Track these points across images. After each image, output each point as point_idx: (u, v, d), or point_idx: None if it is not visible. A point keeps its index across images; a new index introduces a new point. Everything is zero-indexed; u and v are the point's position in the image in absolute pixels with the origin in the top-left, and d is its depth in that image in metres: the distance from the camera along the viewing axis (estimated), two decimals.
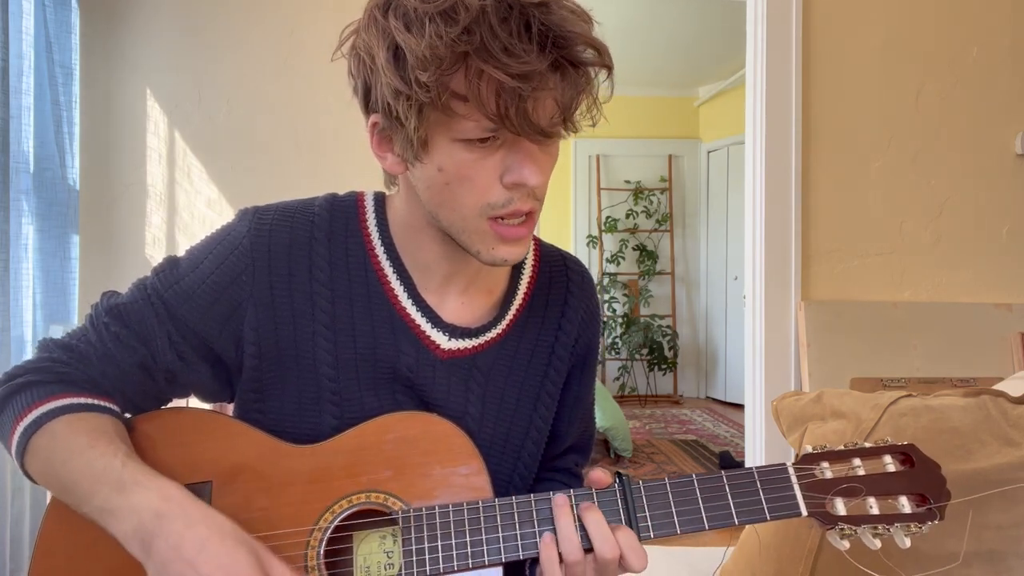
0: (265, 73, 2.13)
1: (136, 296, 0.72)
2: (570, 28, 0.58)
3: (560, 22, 0.58)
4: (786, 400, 1.22)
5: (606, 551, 0.62)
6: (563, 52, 0.58)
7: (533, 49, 0.57)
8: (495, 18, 0.56)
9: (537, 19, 0.57)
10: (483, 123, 0.59)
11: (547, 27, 0.57)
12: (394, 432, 0.69)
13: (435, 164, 0.63)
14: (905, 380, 2.03)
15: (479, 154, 0.62)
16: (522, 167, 0.62)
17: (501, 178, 0.63)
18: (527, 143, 0.62)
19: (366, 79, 0.64)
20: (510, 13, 0.57)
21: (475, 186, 0.63)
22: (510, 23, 0.57)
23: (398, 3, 0.60)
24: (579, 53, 0.59)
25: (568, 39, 0.58)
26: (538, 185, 0.64)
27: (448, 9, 0.57)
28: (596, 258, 5.34)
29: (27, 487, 1.68)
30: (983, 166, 2.20)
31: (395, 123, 0.62)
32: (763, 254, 2.14)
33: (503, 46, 0.56)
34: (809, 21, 2.15)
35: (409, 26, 0.58)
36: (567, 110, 0.61)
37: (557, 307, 0.81)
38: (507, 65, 0.56)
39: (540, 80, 0.57)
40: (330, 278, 0.73)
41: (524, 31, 0.57)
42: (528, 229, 0.67)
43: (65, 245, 1.89)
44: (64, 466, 0.63)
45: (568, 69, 0.59)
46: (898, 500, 0.66)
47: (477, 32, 0.56)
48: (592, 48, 0.60)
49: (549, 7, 0.58)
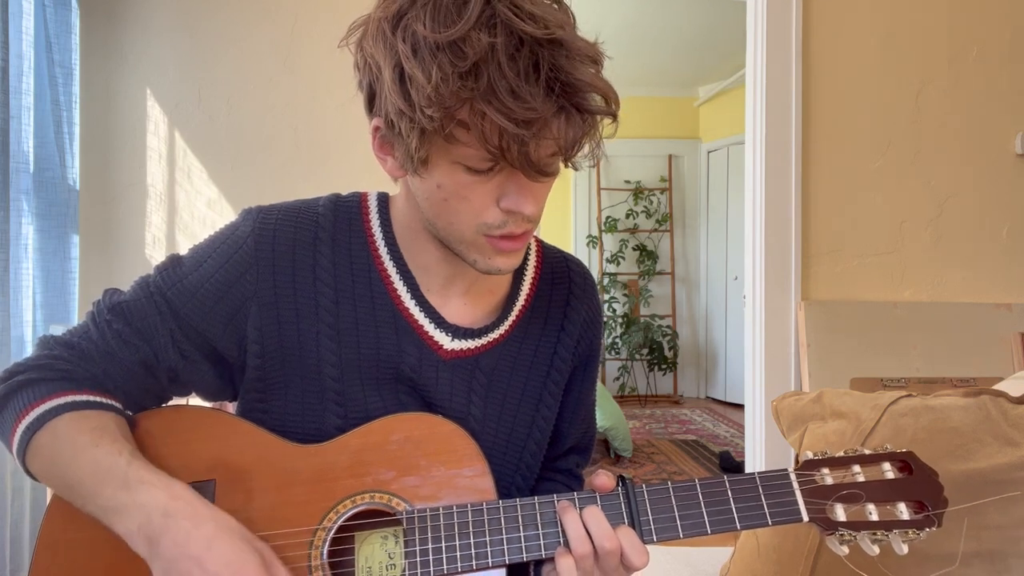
0: (265, 73, 2.13)
1: (139, 294, 0.72)
2: (579, 76, 0.56)
3: (569, 67, 0.56)
4: (786, 400, 1.22)
5: (605, 542, 0.63)
6: (570, 98, 0.57)
7: (539, 93, 0.55)
8: (503, 56, 0.55)
9: (546, 60, 0.56)
10: (483, 154, 0.59)
11: (555, 71, 0.56)
12: (398, 433, 0.69)
13: (434, 181, 0.63)
14: (905, 380, 2.04)
15: (478, 178, 0.62)
16: (519, 196, 0.63)
17: (498, 202, 0.63)
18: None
19: (371, 84, 0.64)
20: (519, 51, 0.55)
21: (472, 206, 0.63)
22: (518, 62, 0.55)
23: (407, 24, 0.58)
24: (586, 100, 0.58)
25: (575, 86, 0.57)
26: (533, 214, 0.64)
27: (458, 41, 0.55)
28: (596, 258, 5.34)
29: (27, 487, 1.68)
30: (983, 166, 2.20)
31: (397, 136, 0.62)
32: (763, 254, 2.14)
33: (510, 87, 0.55)
34: (809, 21, 2.15)
35: (416, 53, 0.57)
36: (568, 152, 0.60)
37: (559, 308, 0.82)
38: (511, 110, 0.55)
39: (543, 125, 0.57)
40: (334, 278, 0.73)
41: (532, 71, 0.55)
42: (524, 242, 0.67)
43: (65, 245, 1.89)
44: (68, 464, 0.63)
45: (573, 114, 0.58)
46: (896, 507, 0.66)
47: (484, 71, 0.55)
48: (600, 94, 0.59)
49: (561, 46, 0.56)
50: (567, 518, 0.65)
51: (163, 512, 0.59)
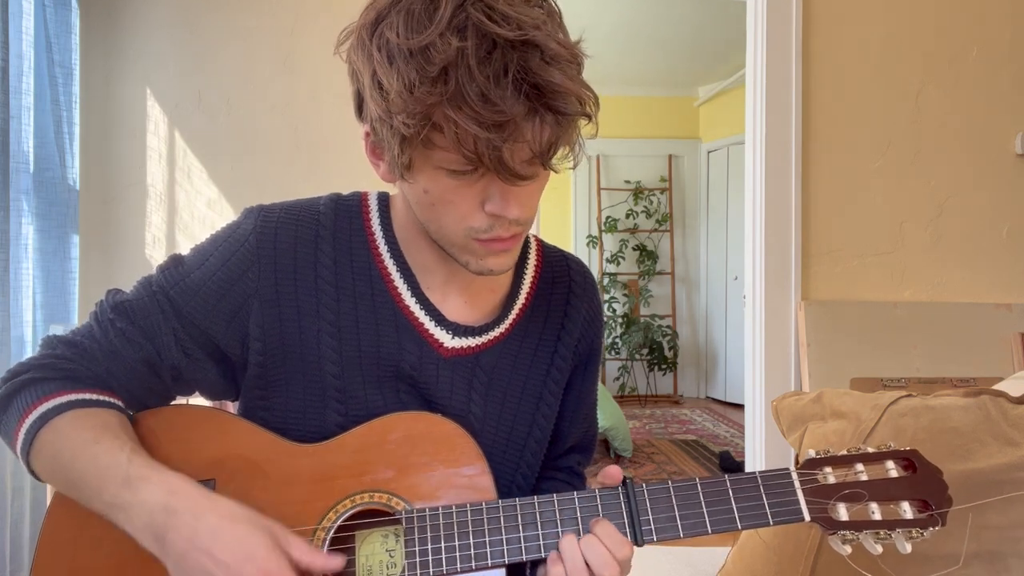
0: (265, 73, 2.13)
1: (142, 293, 0.72)
2: (548, 77, 0.55)
3: (538, 69, 0.55)
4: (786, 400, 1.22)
5: (605, 572, 0.63)
6: (541, 101, 0.56)
7: (508, 96, 0.54)
8: (473, 59, 0.54)
9: (516, 63, 0.54)
10: (461, 158, 0.58)
11: (525, 72, 0.55)
12: (398, 432, 0.69)
13: (420, 186, 0.64)
14: (905, 380, 2.04)
15: (462, 181, 0.61)
16: (502, 200, 0.62)
17: (483, 205, 0.63)
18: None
19: (359, 90, 0.64)
20: (490, 54, 0.54)
21: (458, 210, 0.63)
22: (488, 66, 0.54)
23: (381, 31, 0.58)
24: (558, 102, 0.56)
25: (546, 88, 0.55)
26: (518, 217, 0.63)
27: (428, 46, 0.54)
28: (596, 258, 5.34)
29: (27, 487, 1.68)
30: (983, 166, 2.20)
31: (382, 142, 0.63)
32: (763, 254, 2.14)
33: (479, 91, 0.54)
34: (809, 21, 2.15)
35: (390, 60, 0.57)
36: (543, 156, 0.59)
37: (559, 307, 0.82)
38: (480, 115, 0.54)
39: (514, 129, 0.56)
40: (335, 276, 0.73)
41: (503, 74, 0.54)
42: (515, 243, 0.67)
43: (65, 245, 1.89)
44: (71, 462, 0.63)
45: (547, 116, 0.57)
46: (900, 506, 0.66)
47: (453, 75, 0.54)
48: (573, 95, 0.57)
49: (535, 47, 0.55)
50: (565, 543, 0.64)
51: (164, 509, 0.59)
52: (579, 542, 0.64)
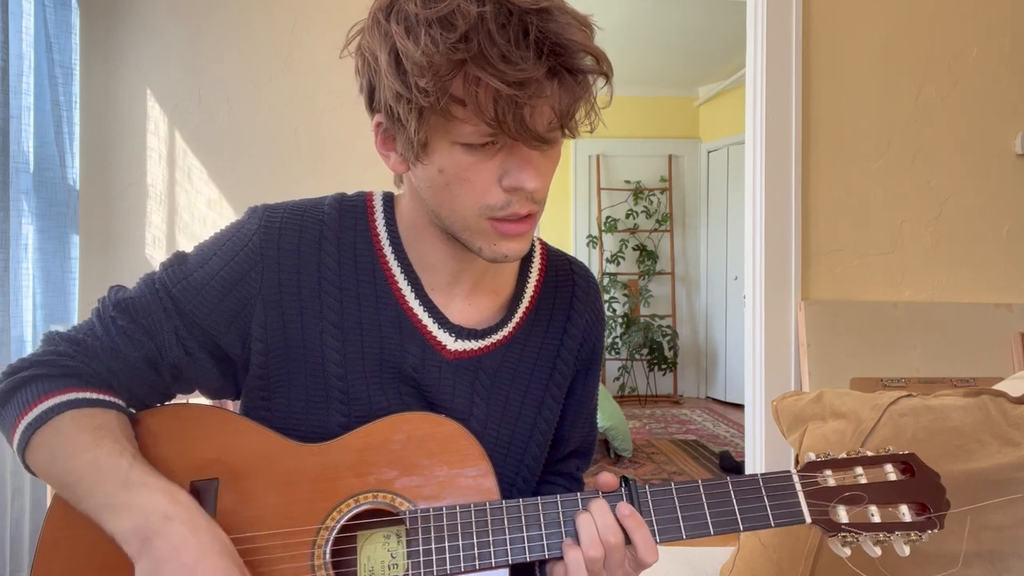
0: (265, 73, 2.13)
1: (144, 291, 0.72)
2: (568, 36, 0.58)
3: (558, 29, 0.58)
4: (786, 400, 1.22)
5: (610, 536, 0.63)
6: (560, 59, 0.58)
7: (530, 56, 0.57)
8: (494, 24, 0.56)
9: (535, 26, 0.57)
10: (481, 128, 0.60)
11: (544, 34, 0.57)
12: (402, 432, 0.69)
13: (436, 165, 0.64)
14: (905, 380, 2.04)
15: (478, 157, 0.62)
16: (520, 171, 0.63)
17: (500, 181, 0.64)
18: (526, 148, 0.63)
19: (370, 80, 0.65)
20: (509, 20, 0.57)
21: (474, 188, 0.64)
22: (508, 30, 0.57)
23: (400, 7, 0.60)
24: (576, 60, 0.59)
25: (565, 46, 0.58)
26: (536, 189, 0.64)
27: (447, 15, 0.57)
28: (596, 258, 5.34)
29: (27, 487, 1.68)
30: (983, 166, 2.20)
31: (397, 124, 0.63)
32: (763, 254, 2.14)
33: (500, 53, 0.56)
34: (809, 21, 2.15)
35: (409, 31, 0.59)
36: (564, 117, 0.61)
37: (563, 311, 0.82)
38: (503, 72, 0.56)
39: (537, 87, 0.58)
40: (338, 277, 0.73)
41: (522, 38, 0.57)
42: (529, 226, 0.67)
43: (65, 245, 1.89)
44: (67, 461, 0.63)
45: (565, 76, 0.59)
46: (899, 509, 0.66)
47: (475, 39, 0.57)
48: (590, 55, 0.60)
49: (549, 13, 0.58)
50: (581, 520, 0.65)
51: (164, 515, 0.59)
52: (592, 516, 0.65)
